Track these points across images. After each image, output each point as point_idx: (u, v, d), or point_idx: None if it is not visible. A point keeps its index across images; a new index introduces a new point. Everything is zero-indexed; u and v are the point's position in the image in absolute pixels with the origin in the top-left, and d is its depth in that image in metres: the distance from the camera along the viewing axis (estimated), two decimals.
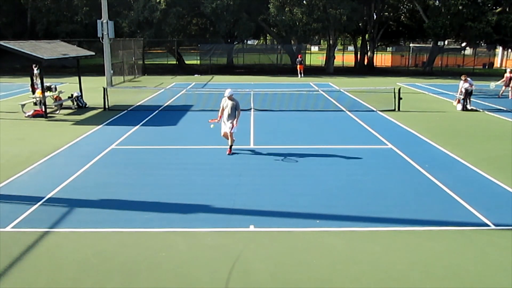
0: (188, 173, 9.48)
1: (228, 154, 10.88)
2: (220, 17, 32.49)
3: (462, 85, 17.86)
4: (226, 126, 10.69)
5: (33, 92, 18.19)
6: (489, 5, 32.92)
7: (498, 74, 36.23)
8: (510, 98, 21.33)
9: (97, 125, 14.66)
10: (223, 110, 10.72)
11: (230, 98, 10.56)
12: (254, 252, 6.13)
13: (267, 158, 10.81)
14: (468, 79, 17.96)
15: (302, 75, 32.49)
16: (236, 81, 28.97)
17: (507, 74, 21.70)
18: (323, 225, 6.99)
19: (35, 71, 18.20)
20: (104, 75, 25.22)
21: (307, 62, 37.70)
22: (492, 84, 22.16)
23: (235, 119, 10.63)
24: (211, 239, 6.51)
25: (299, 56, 33.97)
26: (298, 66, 32.91)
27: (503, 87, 21.91)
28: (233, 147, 11.09)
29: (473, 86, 18.01)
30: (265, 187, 8.72)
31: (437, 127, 14.52)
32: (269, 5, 32.55)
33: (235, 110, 10.63)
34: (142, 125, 14.69)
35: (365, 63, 40.96)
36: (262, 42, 61.81)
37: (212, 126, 10.81)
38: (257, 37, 51.49)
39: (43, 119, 15.87)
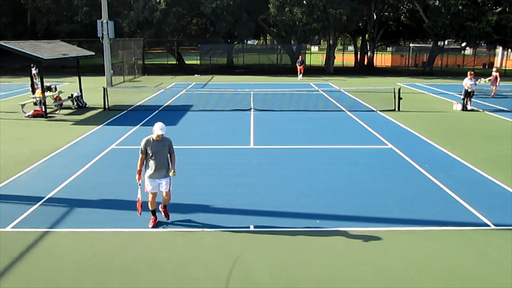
0: (188, 173, 9.46)
1: (167, 219, 7.03)
2: (220, 17, 32.48)
3: (467, 81, 17.69)
4: (156, 183, 6.78)
5: (33, 92, 18.21)
6: (489, 5, 32.92)
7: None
8: (492, 96, 21.73)
9: (97, 125, 14.66)
10: (143, 158, 6.75)
11: (160, 137, 6.62)
12: (254, 252, 6.13)
13: (267, 158, 10.81)
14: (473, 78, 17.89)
15: (301, 76, 31.27)
16: (236, 81, 28.97)
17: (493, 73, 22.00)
18: (323, 225, 6.99)
19: (34, 71, 18.21)
20: (104, 75, 25.22)
21: (307, 62, 37.60)
22: (483, 81, 22.22)
23: (172, 167, 6.79)
24: (211, 239, 6.51)
25: (300, 57, 32.91)
26: (298, 67, 31.57)
27: (493, 87, 22.06)
28: (232, 147, 11.00)
29: (477, 83, 18.01)
30: (265, 187, 8.72)
31: (437, 127, 14.52)
32: (269, 5, 32.54)
33: (169, 155, 6.82)
34: (142, 125, 14.69)
35: (365, 63, 40.96)
36: (262, 42, 61.81)
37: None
38: (257, 37, 51.49)
39: (43, 119, 15.87)
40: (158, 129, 6.56)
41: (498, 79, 22.04)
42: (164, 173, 6.74)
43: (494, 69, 22.89)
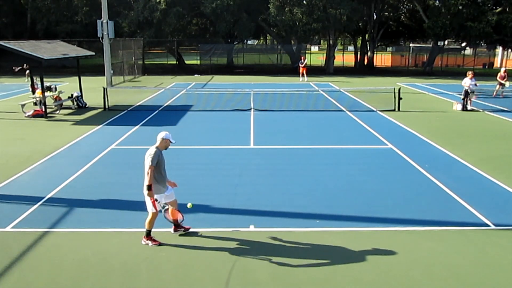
0: (188, 173, 9.47)
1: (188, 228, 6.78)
2: (220, 17, 32.49)
3: (469, 81, 17.65)
4: (168, 196, 6.46)
5: (33, 92, 18.21)
6: (489, 5, 32.93)
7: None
8: (494, 96, 21.87)
9: (97, 125, 14.66)
10: (153, 170, 6.11)
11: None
12: (254, 252, 6.13)
13: (267, 158, 10.81)
14: (473, 78, 17.85)
15: (305, 78, 29.45)
16: (236, 81, 28.97)
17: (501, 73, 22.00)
18: (323, 225, 6.98)
19: (17, 69, 18.17)
20: (104, 75, 25.22)
21: (307, 62, 37.42)
22: (508, 83, 22.17)
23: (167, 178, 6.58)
24: (211, 239, 6.51)
25: (302, 58, 31.34)
26: (301, 68, 29.89)
27: (497, 87, 22.05)
28: (232, 147, 10.97)
29: (477, 85, 17.99)
30: (265, 187, 8.72)
31: (437, 127, 14.51)
32: (269, 5, 32.53)
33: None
34: (142, 125, 14.69)
35: (365, 63, 40.96)
36: (262, 42, 61.81)
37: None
38: (257, 37, 51.49)
39: (43, 119, 15.87)
40: (170, 137, 6.28)
41: (506, 79, 21.96)
42: (166, 185, 6.47)
43: (502, 69, 22.84)
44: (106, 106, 17.82)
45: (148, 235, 6.39)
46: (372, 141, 12.57)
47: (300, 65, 30.36)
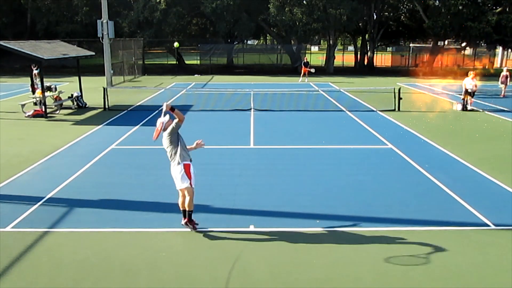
0: None
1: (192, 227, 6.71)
2: (220, 17, 32.50)
3: (470, 81, 17.61)
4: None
5: (33, 92, 18.20)
6: (489, 5, 32.94)
7: (498, 74, 36.25)
8: (503, 96, 21.92)
9: (97, 125, 14.66)
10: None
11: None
12: (254, 252, 6.13)
13: (267, 158, 10.81)
14: (474, 79, 17.83)
15: (305, 79, 29.18)
16: (236, 81, 28.97)
17: (504, 73, 21.96)
18: (323, 225, 6.98)
19: (35, 70, 18.22)
20: (104, 75, 25.22)
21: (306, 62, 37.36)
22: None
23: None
24: (211, 239, 6.51)
25: (305, 59, 30.82)
26: (303, 68, 29.34)
27: (503, 86, 22.07)
28: (232, 147, 10.91)
29: (476, 87, 17.97)
30: (265, 187, 8.72)
31: (437, 127, 14.51)
32: (269, 5, 32.53)
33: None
34: (142, 125, 14.69)
35: (365, 63, 40.95)
36: (262, 42, 61.81)
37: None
38: (257, 37, 51.49)
39: (43, 119, 15.87)
40: (165, 118, 6.89)
41: (508, 79, 21.96)
42: (189, 154, 6.96)
43: (504, 69, 22.90)
44: (106, 106, 17.82)
45: (191, 217, 6.56)
46: (372, 141, 12.57)
47: (304, 66, 29.54)
